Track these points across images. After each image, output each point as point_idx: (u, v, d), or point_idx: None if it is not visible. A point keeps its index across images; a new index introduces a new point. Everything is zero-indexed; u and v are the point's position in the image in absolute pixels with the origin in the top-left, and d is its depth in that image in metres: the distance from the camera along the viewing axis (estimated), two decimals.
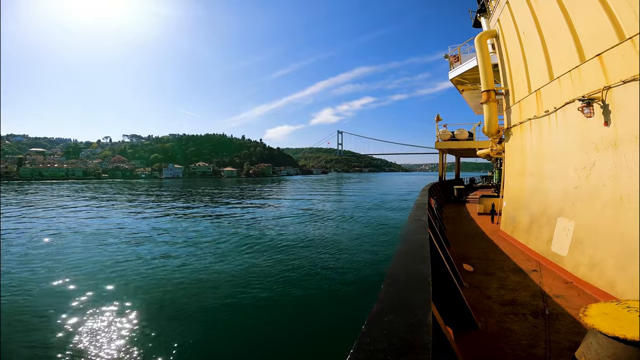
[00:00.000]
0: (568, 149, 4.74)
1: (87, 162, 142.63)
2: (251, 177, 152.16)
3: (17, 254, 12.96)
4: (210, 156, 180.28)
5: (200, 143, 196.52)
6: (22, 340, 6.57)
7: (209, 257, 12.66)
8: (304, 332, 6.95)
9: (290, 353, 6.24)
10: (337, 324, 7.15)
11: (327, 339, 6.59)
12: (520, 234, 6.31)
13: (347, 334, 6.19)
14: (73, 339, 6.59)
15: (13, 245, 14.57)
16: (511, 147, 7.31)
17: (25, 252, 13.36)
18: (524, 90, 6.11)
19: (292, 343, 6.54)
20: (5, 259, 12.06)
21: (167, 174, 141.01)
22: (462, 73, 12.62)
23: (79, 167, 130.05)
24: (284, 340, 6.67)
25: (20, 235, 16.64)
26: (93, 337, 6.69)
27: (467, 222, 9.45)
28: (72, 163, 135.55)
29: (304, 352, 6.27)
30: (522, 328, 3.01)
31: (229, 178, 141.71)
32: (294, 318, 7.61)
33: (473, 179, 26.40)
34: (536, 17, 5.40)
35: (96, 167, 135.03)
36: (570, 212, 4.58)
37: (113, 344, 6.45)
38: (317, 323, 7.34)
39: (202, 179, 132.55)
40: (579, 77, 4.28)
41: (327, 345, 6.36)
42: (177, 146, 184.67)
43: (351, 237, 16.15)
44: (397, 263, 2.03)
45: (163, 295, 8.80)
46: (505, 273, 4.65)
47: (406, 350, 1.03)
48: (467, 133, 16.54)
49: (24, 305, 8.11)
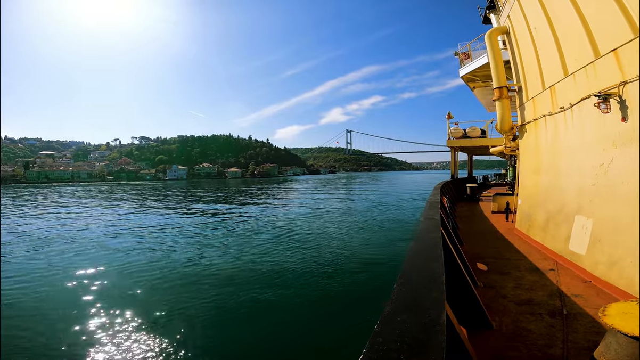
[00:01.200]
0: (585, 146, 4.64)
1: (94, 165, 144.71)
2: (256, 177, 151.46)
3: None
4: (215, 157, 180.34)
5: (206, 144, 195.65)
6: (22, 340, 6.76)
7: (215, 257, 12.83)
8: (315, 331, 7.00)
9: (301, 352, 6.30)
10: (349, 323, 7.16)
11: (339, 339, 6.61)
12: (536, 232, 6.19)
13: (360, 333, 6.22)
14: (81, 339, 6.77)
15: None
16: (526, 144, 7.19)
17: (17, 256, 13.46)
18: (538, 86, 6.01)
19: (304, 342, 6.60)
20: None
21: (170, 175, 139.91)
22: (473, 70, 12.45)
23: (84, 169, 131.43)
24: (296, 339, 6.73)
25: (12, 240, 16.83)
26: (106, 335, 6.88)
27: (480, 220, 9.31)
28: (79, 166, 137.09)
29: (315, 351, 6.31)
30: (539, 328, 2.98)
31: (233, 179, 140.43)
32: (305, 318, 7.67)
33: (486, 176, 25.84)
34: (547, 13, 5.32)
35: (102, 170, 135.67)
36: (588, 209, 4.49)
37: (118, 343, 6.55)
38: (328, 323, 7.38)
39: (205, 180, 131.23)
40: (594, 73, 4.20)
41: (339, 345, 6.38)
42: (182, 147, 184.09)
43: (360, 237, 16.14)
44: (409, 262, 2.03)
45: (165, 295, 8.99)
46: (521, 272, 4.59)
47: (420, 350, 1.03)
48: (480, 130, 16.30)
49: (23, 311, 8.25)
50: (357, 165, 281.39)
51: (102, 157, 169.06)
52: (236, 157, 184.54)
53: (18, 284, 9.93)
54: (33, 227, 20.92)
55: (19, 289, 9.52)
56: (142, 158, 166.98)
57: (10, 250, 14.44)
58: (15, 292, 9.25)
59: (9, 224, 21.90)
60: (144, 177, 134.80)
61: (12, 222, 22.91)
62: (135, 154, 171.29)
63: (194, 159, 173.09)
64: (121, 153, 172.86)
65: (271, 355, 6.30)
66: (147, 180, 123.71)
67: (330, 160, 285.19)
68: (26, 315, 7.86)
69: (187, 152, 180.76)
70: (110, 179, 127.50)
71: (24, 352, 6.41)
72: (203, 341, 6.64)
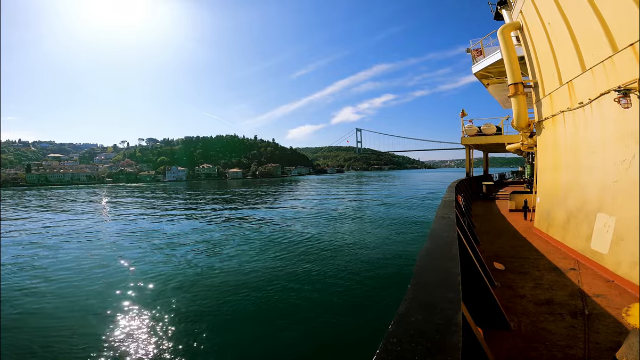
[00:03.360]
0: (606, 141, 4.52)
1: (97, 167, 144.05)
2: (258, 178, 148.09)
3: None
4: (217, 157, 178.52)
5: (210, 144, 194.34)
6: (21, 339, 6.96)
7: (212, 258, 12.88)
8: (329, 331, 7.04)
9: (316, 352, 6.34)
10: (362, 323, 7.17)
11: (352, 339, 6.62)
12: (556, 230, 6.05)
13: (373, 333, 6.25)
14: (82, 340, 6.89)
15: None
16: (544, 141, 7.03)
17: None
18: (555, 82, 5.88)
19: (318, 342, 6.64)
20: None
21: (169, 176, 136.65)
22: (486, 67, 12.23)
23: (84, 172, 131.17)
24: (311, 339, 6.78)
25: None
26: (114, 335, 7.04)
27: (497, 219, 9.14)
28: (80, 168, 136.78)
29: (329, 351, 6.35)
30: (559, 328, 2.93)
31: (234, 180, 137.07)
32: (319, 318, 7.70)
33: (502, 174, 25.20)
34: (561, 8, 5.21)
35: (104, 172, 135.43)
36: (610, 207, 4.37)
37: (125, 344, 6.67)
38: (341, 322, 7.40)
39: (206, 181, 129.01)
40: (612, 68, 4.10)
41: (353, 345, 6.40)
42: (184, 148, 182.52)
43: (371, 236, 16.08)
44: (424, 262, 2.01)
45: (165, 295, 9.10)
46: (540, 272, 4.51)
47: (435, 350, 1.01)
48: (495, 128, 15.96)
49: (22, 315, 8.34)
50: (367, 164, 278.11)
51: (108, 159, 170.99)
52: (239, 158, 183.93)
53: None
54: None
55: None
56: (145, 160, 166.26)
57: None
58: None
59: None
60: (143, 179, 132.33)
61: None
62: (137, 156, 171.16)
63: (195, 160, 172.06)
64: (124, 155, 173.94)
65: (287, 355, 6.36)
66: (146, 182, 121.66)
67: (340, 160, 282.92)
68: (26, 317, 7.93)
69: (190, 153, 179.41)
70: (110, 181, 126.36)
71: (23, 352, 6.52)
72: (219, 342, 6.73)
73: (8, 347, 6.72)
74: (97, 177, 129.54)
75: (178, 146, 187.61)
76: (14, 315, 8.26)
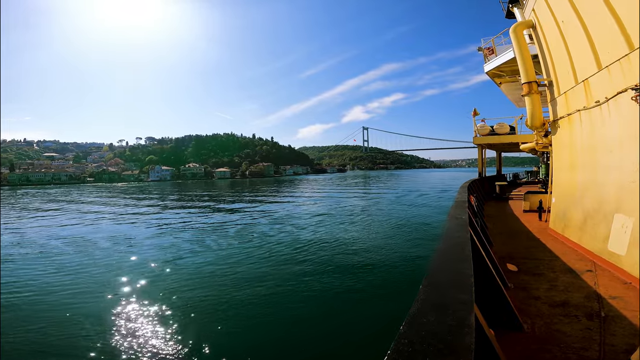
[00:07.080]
0: (623, 141, 4.43)
1: (84, 167, 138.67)
2: (247, 178, 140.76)
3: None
4: (209, 156, 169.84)
5: (202, 143, 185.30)
6: (21, 340, 6.97)
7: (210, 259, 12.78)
8: (340, 331, 7.06)
9: (327, 352, 6.37)
10: (373, 324, 7.15)
11: (363, 339, 6.62)
12: (572, 231, 5.93)
13: (385, 334, 6.22)
14: (83, 340, 6.89)
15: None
16: (559, 140, 6.90)
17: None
18: (570, 81, 5.78)
19: (329, 342, 6.66)
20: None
21: (153, 176, 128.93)
22: (499, 65, 12.04)
23: (65, 171, 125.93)
24: (321, 339, 6.82)
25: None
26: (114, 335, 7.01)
27: (511, 220, 8.99)
28: (63, 168, 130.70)
29: (340, 351, 6.36)
30: (574, 330, 2.90)
31: (221, 179, 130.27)
32: (330, 318, 7.73)
33: (516, 174, 24.64)
34: (575, 6, 5.14)
35: (88, 171, 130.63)
36: (628, 207, 4.28)
37: (123, 344, 6.64)
38: (352, 323, 7.42)
39: (192, 181, 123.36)
40: (629, 66, 4.02)
41: (364, 346, 6.39)
42: (175, 147, 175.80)
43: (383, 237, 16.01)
44: (436, 262, 2.02)
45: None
46: (555, 273, 4.45)
47: (447, 351, 1.00)
48: (508, 127, 15.67)
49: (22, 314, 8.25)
50: (373, 164, 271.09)
51: (100, 158, 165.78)
52: (231, 157, 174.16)
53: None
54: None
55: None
56: (134, 159, 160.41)
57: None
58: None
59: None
60: (127, 179, 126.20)
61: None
62: (127, 155, 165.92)
63: (185, 158, 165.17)
64: (115, 154, 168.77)
65: (296, 354, 6.42)
66: (128, 182, 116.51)
67: (346, 159, 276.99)
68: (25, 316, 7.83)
69: (181, 152, 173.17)
70: (91, 180, 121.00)
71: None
72: (225, 339, 6.80)
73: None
74: (79, 177, 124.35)
75: (169, 145, 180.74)
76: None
